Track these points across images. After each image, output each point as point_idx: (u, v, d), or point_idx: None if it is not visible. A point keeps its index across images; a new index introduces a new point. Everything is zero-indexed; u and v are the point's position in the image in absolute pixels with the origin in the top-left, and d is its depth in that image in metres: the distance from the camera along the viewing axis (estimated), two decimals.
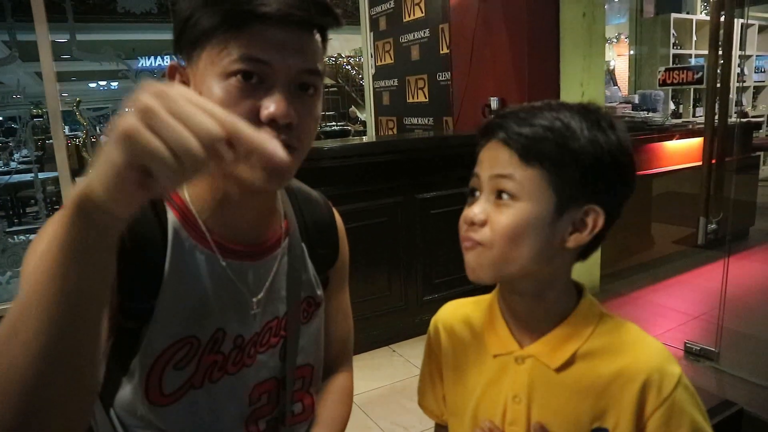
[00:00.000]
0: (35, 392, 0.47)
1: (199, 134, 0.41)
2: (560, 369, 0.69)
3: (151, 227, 0.70)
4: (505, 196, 0.66)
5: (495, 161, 0.67)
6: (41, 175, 3.83)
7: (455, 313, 0.84)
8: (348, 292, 1.00)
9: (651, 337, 0.71)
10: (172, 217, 0.72)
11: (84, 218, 0.45)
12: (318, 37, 0.69)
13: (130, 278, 0.68)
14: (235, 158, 0.44)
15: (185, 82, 0.70)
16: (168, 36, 0.71)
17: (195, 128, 0.41)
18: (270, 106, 0.64)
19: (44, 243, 0.49)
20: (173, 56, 0.72)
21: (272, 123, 0.64)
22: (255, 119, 0.64)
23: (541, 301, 0.71)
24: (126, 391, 0.71)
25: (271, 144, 0.45)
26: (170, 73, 0.71)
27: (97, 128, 3.63)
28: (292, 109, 0.65)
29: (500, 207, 0.66)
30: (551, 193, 0.65)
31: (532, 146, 0.64)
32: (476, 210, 0.67)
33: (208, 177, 0.72)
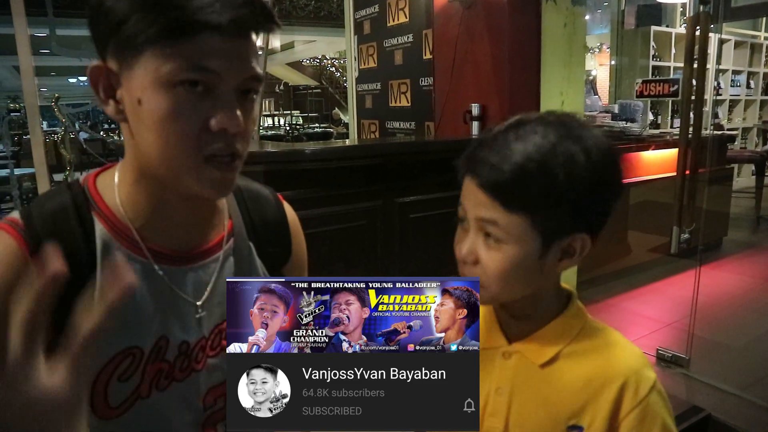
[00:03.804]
0: None
1: None
2: (544, 365, 0.73)
3: (74, 243, 0.68)
4: (491, 239, 0.68)
5: (477, 203, 0.68)
6: (17, 171, 3.78)
7: None
8: None
9: (631, 343, 0.75)
10: (100, 228, 0.70)
11: None
12: (255, 38, 0.67)
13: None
14: None
15: (113, 85, 0.66)
16: None
17: None
18: (221, 119, 0.63)
19: None
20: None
21: (221, 131, 0.63)
22: (205, 130, 0.63)
23: (533, 304, 0.74)
24: None
25: None
26: (93, 77, 0.66)
27: (76, 124, 3.58)
28: (241, 117, 0.64)
29: (489, 248, 0.68)
30: (537, 234, 0.67)
31: (512, 195, 0.65)
32: (465, 251, 0.70)
33: (144, 184, 0.71)
